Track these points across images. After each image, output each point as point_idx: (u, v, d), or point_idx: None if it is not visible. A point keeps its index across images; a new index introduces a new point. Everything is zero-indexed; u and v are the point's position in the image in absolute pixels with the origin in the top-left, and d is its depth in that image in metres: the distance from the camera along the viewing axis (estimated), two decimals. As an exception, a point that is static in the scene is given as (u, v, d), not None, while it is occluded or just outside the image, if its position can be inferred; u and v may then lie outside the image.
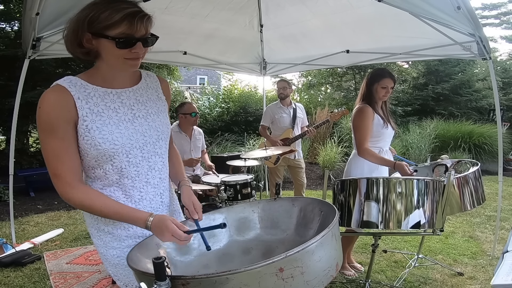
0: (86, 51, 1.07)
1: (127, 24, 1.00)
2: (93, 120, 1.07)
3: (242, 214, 1.36)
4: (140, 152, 1.16)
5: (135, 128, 1.14)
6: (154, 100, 1.23)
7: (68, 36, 1.06)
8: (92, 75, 1.12)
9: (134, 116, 1.15)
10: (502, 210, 4.04)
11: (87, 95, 1.07)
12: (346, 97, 11.09)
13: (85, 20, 1.01)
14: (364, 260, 3.04)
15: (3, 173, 4.10)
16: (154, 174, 1.21)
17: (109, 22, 0.99)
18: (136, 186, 1.17)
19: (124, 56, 1.05)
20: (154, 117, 1.20)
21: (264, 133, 3.97)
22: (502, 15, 17.73)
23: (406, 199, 1.78)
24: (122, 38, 1.01)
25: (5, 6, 6.51)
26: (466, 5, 2.35)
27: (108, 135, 1.08)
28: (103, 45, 1.03)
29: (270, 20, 3.76)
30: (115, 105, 1.12)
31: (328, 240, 0.95)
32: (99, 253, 1.21)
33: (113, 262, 1.17)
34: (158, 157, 1.22)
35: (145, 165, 1.17)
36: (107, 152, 1.08)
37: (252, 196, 3.10)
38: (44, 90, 1.08)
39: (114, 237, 1.17)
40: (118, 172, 1.13)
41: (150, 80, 1.26)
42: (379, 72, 2.48)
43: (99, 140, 1.07)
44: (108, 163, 1.11)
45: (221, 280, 0.80)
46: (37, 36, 2.79)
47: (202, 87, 15.13)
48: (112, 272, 1.19)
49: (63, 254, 3.17)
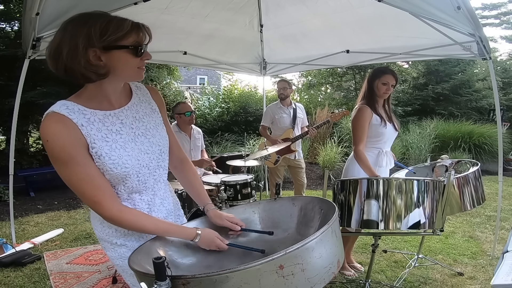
0: (95, 70, 0.99)
1: (136, 33, 1.01)
2: (101, 146, 1.04)
3: (242, 215, 1.36)
4: (148, 170, 1.17)
5: (139, 147, 1.14)
6: (149, 113, 1.21)
7: (67, 60, 0.96)
8: (86, 97, 1.06)
9: (135, 135, 1.15)
10: (502, 210, 4.04)
11: (87, 121, 1.03)
12: (346, 97, 11.10)
13: (89, 36, 0.95)
14: (364, 260, 3.04)
15: (3, 173, 4.10)
16: (160, 186, 1.24)
17: (121, 32, 0.98)
18: (144, 199, 1.19)
19: (137, 66, 1.05)
20: (154, 132, 1.20)
21: (264, 133, 3.97)
22: (502, 15, 17.73)
23: (406, 199, 1.78)
24: (138, 47, 1.01)
25: (5, 6, 6.51)
26: (466, 5, 2.35)
27: (118, 160, 1.07)
28: (117, 57, 1.00)
29: (270, 20, 3.76)
30: (117, 127, 1.10)
31: (328, 236, 0.94)
32: (116, 265, 1.22)
33: (130, 273, 1.17)
34: (162, 169, 1.23)
35: (151, 179, 1.19)
36: (119, 175, 1.08)
37: (252, 196, 3.10)
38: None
39: (128, 248, 1.17)
40: (129, 190, 1.15)
41: (141, 93, 1.22)
42: (381, 69, 2.49)
43: (110, 166, 1.06)
44: (120, 184, 1.12)
45: (221, 279, 0.80)
46: (37, 36, 2.78)
47: (202, 87, 15.13)
48: (131, 282, 1.20)
49: (63, 254, 3.17)
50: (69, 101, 1.04)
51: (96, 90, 1.07)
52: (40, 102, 5.33)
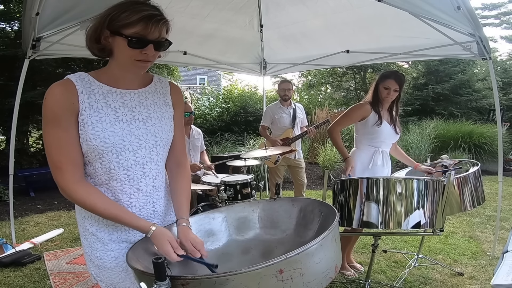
0: (101, 47, 1.10)
1: (143, 25, 1.03)
2: (89, 115, 1.07)
3: (241, 213, 1.36)
4: (133, 156, 1.13)
5: (131, 130, 1.12)
6: (159, 105, 1.21)
7: (89, 31, 1.10)
8: (102, 73, 1.14)
9: (133, 118, 1.14)
10: (502, 210, 4.04)
11: (90, 91, 1.09)
12: (346, 97, 11.11)
13: (107, 18, 1.04)
14: (364, 260, 3.04)
15: (3, 173, 4.10)
16: (148, 182, 1.17)
17: (126, 21, 1.02)
18: (126, 191, 1.14)
19: (135, 57, 1.06)
20: (155, 122, 1.18)
21: (264, 133, 3.97)
22: (502, 15, 17.74)
23: (406, 199, 1.78)
24: (135, 38, 1.03)
25: (5, 6, 6.51)
26: (466, 5, 2.35)
27: (100, 132, 1.07)
28: (117, 43, 1.06)
29: (270, 20, 3.76)
30: (116, 104, 1.12)
31: (328, 242, 0.95)
32: (84, 252, 1.20)
33: (96, 263, 1.17)
34: (153, 164, 1.18)
35: (138, 170, 1.14)
36: (96, 149, 1.08)
37: (252, 196, 3.09)
38: (44, 90, 1.09)
39: (97, 239, 1.16)
40: (107, 172, 1.12)
41: (160, 85, 1.24)
42: (385, 73, 2.51)
43: (90, 136, 1.06)
44: (97, 161, 1.10)
45: (221, 281, 0.80)
46: (37, 36, 2.79)
47: (202, 87, 15.12)
48: (95, 273, 1.19)
49: (63, 254, 3.17)
50: (85, 73, 1.12)
51: (109, 68, 1.14)
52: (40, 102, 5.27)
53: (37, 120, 6.50)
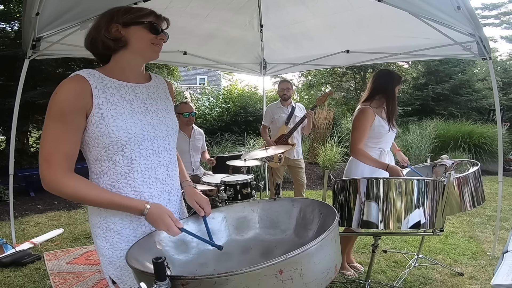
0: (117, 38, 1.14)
1: (155, 16, 1.19)
2: (108, 108, 1.09)
3: (241, 213, 1.36)
4: (151, 145, 1.17)
5: (147, 121, 1.17)
6: (163, 98, 1.29)
7: (92, 28, 1.16)
8: (108, 69, 1.17)
9: (147, 109, 1.19)
10: (502, 210, 4.04)
11: (104, 85, 1.11)
12: (346, 97, 11.10)
13: (117, 13, 1.14)
14: (364, 260, 3.04)
15: (3, 173, 4.10)
16: (162, 170, 1.22)
17: (141, 13, 1.16)
18: (146, 182, 1.17)
19: (152, 41, 1.17)
20: (164, 114, 1.25)
21: (264, 133, 3.97)
22: (502, 15, 17.73)
23: (406, 199, 1.78)
24: (155, 23, 1.17)
25: (5, 6, 6.51)
26: (466, 5, 2.35)
27: (123, 124, 1.10)
28: (132, 31, 1.14)
29: (270, 20, 3.76)
30: (130, 97, 1.16)
31: (328, 242, 0.95)
32: (103, 255, 1.17)
33: (118, 265, 1.15)
34: (166, 153, 1.23)
35: (154, 159, 1.19)
36: (120, 140, 1.09)
37: (252, 196, 3.09)
38: (44, 90, 1.10)
39: (122, 238, 1.15)
40: (128, 164, 1.13)
41: (158, 81, 1.32)
42: (398, 75, 2.53)
43: (113, 128, 1.08)
44: (118, 153, 1.11)
45: (221, 281, 0.79)
46: (37, 36, 2.79)
47: (202, 87, 15.12)
48: (116, 275, 1.16)
49: (63, 254, 3.17)
50: (93, 69, 1.14)
51: (116, 64, 1.18)
52: (40, 102, 5.32)
53: (37, 120, 6.50)
